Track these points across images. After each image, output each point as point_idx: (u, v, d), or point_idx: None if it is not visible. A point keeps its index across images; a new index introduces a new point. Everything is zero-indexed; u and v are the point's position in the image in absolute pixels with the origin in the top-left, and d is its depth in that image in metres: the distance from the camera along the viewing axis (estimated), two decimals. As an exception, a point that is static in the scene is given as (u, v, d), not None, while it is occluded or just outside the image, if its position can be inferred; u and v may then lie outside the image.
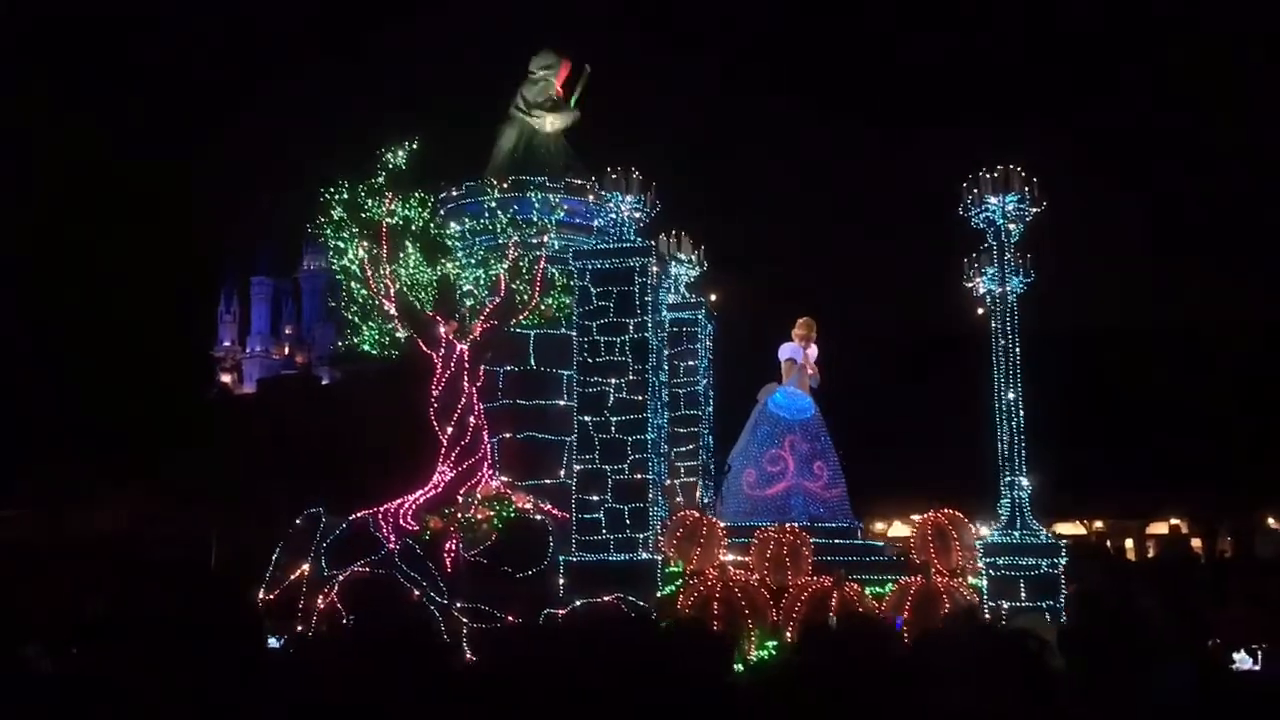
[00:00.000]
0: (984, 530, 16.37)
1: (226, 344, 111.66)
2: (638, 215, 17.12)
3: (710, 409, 19.68)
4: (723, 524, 16.39)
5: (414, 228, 17.34)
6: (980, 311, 19.13)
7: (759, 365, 20.56)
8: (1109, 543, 41.34)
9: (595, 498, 15.91)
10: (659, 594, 15.24)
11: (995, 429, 18.45)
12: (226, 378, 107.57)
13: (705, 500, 18.56)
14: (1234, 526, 42.58)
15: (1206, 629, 12.56)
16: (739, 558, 15.93)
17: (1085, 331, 46.52)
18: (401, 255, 17.22)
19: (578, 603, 15.04)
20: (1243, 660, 11.54)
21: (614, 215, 17.00)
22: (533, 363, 18.28)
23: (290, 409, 66.92)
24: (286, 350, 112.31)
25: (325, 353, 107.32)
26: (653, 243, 17.07)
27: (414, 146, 17.46)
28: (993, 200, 16.16)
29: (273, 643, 11.76)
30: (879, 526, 35.65)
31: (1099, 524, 44.22)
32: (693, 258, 19.92)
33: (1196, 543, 41.21)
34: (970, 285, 18.97)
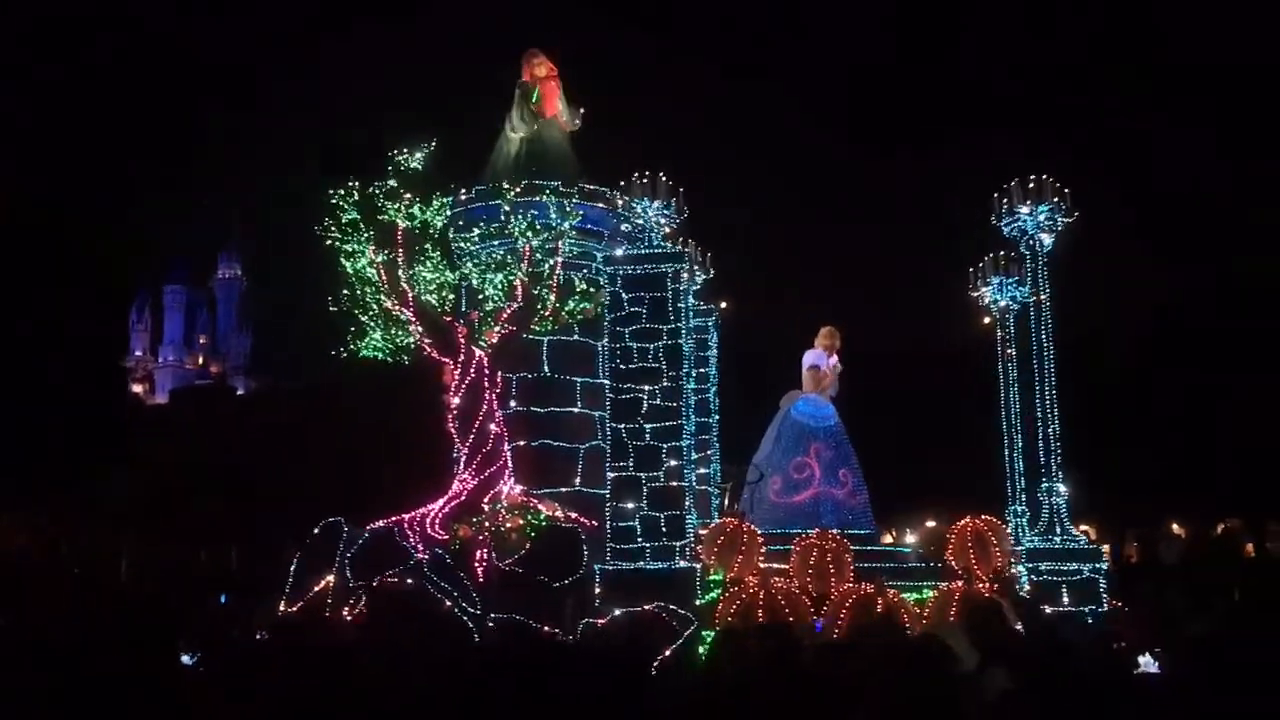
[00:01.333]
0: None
1: (138, 354, 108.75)
2: (663, 221, 16.95)
3: (718, 417, 19.62)
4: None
5: (432, 231, 16.94)
6: (987, 321, 19.40)
7: (765, 371, 20.58)
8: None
9: (630, 505, 15.75)
10: (699, 601, 15.11)
11: (1004, 437, 18.71)
12: (138, 388, 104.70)
13: (715, 507, 18.47)
14: (1139, 532, 43.77)
15: (1112, 633, 12.97)
16: (774, 565, 15.86)
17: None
18: (420, 258, 16.81)
19: (617, 612, 14.82)
20: (1148, 664, 11.88)
21: (641, 221, 16.83)
22: (546, 369, 18.00)
23: (204, 420, 65.41)
24: (200, 360, 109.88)
25: (240, 363, 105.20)
26: (685, 249, 16.96)
27: (430, 149, 17.06)
28: (1024, 210, 16.36)
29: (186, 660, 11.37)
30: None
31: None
32: (699, 264, 19.82)
33: (1105, 548, 42.28)
34: (976, 295, 19.24)
